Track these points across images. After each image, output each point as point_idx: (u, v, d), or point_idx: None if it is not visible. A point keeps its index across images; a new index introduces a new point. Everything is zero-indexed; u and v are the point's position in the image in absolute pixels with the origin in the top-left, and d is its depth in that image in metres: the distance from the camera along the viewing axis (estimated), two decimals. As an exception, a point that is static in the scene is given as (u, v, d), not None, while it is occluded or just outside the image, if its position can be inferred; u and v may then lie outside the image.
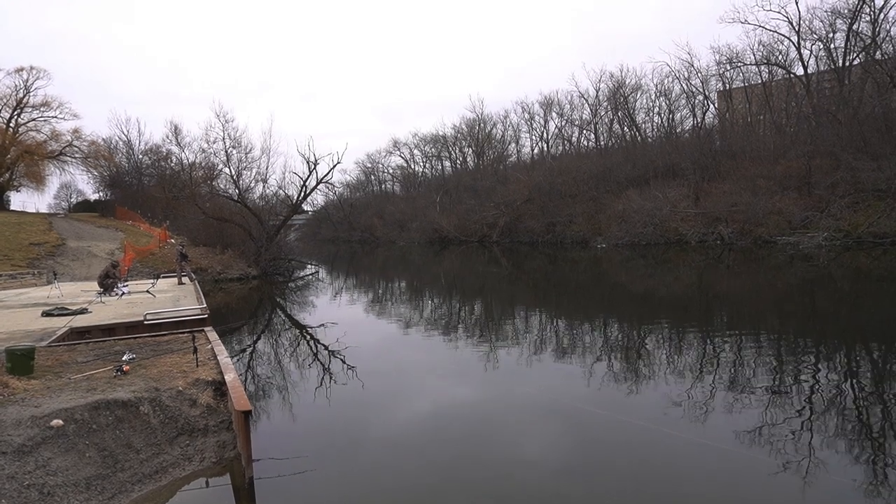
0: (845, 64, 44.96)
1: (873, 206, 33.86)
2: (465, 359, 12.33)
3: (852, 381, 9.65)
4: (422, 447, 7.44)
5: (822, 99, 47.58)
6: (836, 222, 34.43)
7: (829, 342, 13.00)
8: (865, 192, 34.71)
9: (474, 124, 77.23)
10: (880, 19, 41.98)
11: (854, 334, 13.74)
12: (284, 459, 6.76)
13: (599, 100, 63.30)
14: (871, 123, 39.34)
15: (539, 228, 52.48)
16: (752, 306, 18.82)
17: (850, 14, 42.85)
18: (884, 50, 42.30)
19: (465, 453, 7.16)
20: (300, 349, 14.19)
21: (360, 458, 7.12)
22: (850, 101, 42.92)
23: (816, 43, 46.72)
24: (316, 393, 9.94)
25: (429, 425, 8.34)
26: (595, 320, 17.19)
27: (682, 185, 45.00)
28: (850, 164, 35.60)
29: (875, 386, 9.32)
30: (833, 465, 6.26)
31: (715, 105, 57.17)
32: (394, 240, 70.70)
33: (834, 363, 11.00)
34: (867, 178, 34.33)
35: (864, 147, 36.70)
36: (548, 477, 6.45)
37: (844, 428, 7.47)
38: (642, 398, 9.10)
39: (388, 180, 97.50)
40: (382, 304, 23.31)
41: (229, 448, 6.96)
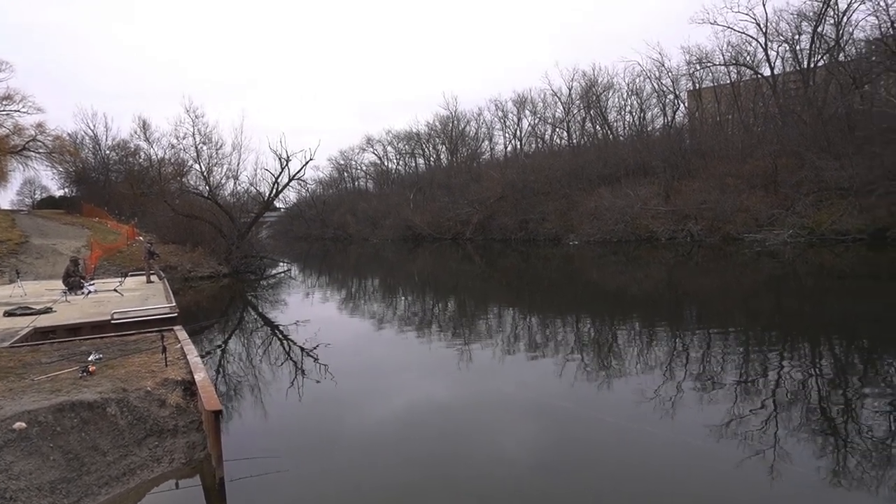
0: (810, 65, 46.03)
1: (836, 205, 34.76)
2: (440, 356, 12.34)
3: (815, 374, 9.92)
4: (396, 445, 7.42)
5: (788, 99, 48.65)
6: (800, 220, 35.27)
7: (793, 337, 13.32)
8: (829, 191, 35.60)
9: (448, 121, 77.22)
10: (843, 22, 43.07)
11: (817, 329, 14.11)
12: (256, 459, 6.69)
13: (572, 98, 63.83)
14: (834, 124, 40.34)
15: (512, 226, 52.70)
16: (721, 302, 19.20)
17: (815, 17, 43.87)
18: (847, 52, 43.42)
19: (440, 451, 7.17)
20: (272, 348, 14.04)
21: (333, 456, 7.08)
22: (814, 102, 43.97)
23: (783, 45, 47.75)
24: (288, 392, 9.85)
25: (403, 423, 8.33)
26: (568, 317, 17.35)
27: (652, 183, 45.59)
28: (814, 164, 36.48)
29: (837, 379, 9.59)
30: (797, 457, 6.43)
31: (685, 104, 58.05)
32: (367, 237, 70.36)
33: (798, 357, 11.28)
34: (830, 177, 35.22)
35: (828, 147, 37.62)
36: (523, 473, 6.49)
37: (808, 420, 7.66)
38: (615, 394, 9.22)
39: (362, 177, 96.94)
40: (355, 302, 23.20)
41: (199, 449, 6.85)
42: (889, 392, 8.79)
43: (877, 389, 8.93)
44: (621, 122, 61.87)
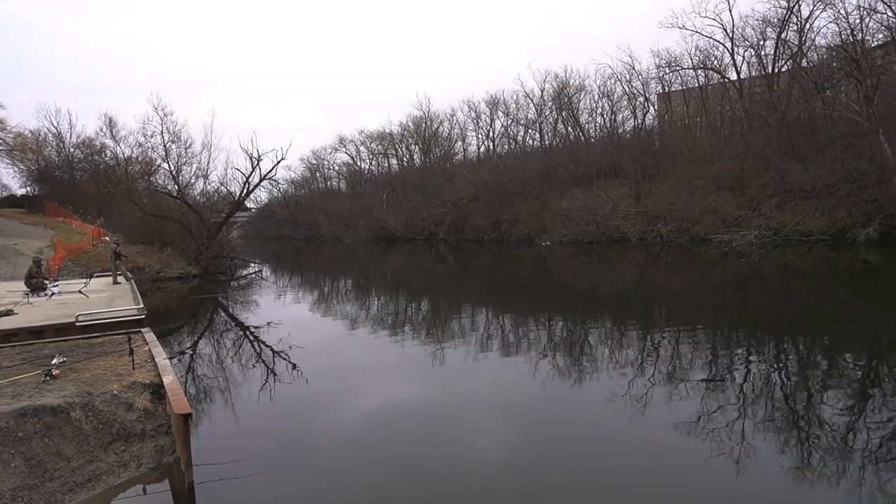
0: (774, 70, 47.20)
1: (799, 206, 35.70)
2: (413, 357, 12.33)
3: (780, 371, 10.17)
4: (369, 446, 7.39)
5: (754, 103, 49.80)
6: (766, 221, 36.12)
7: (759, 335, 13.63)
8: (793, 193, 36.53)
9: (421, 122, 77.12)
10: (806, 29, 44.28)
11: (782, 327, 14.46)
12: (226, 463, 6.59)
13: (544, 100, 64.33)
14: (797, 127, 41.44)
15: (485, 226, 52.89)
16: (689, 302, 19.56)
17: (779, 23, 45.02)
18: (809, 58, 44.65)
19: (413, 452, 7.17)
20: (243, 349, 13.86)
21: (305, 459, 7.02)
22: (778, 106, 45.09)
23: (748, 49, 48.89)
24: (259, 394, 9.74)
25: (376, 424, 8.30)
26: (540, 317, 17.48)
27: (623, 185, 46.21)
28: (778, 166, 37.41)
29: (800, 376, 9.85)
30: (762, 452, 6.58)
31: (655, 107, 58.96)
32: (340, 237, 69.91)
33: (763, 355, 11.55)
34: (794, 180, 36.15)
35: (792, 150, 38.61)
36: (496, 473, 6.53)
37: (773, 416, 7.86)
38: (587, 392, 9.33)
39: (334, 177, 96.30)
40: (328, 303, 23.03)
41: (168, 453, 6.74)
42: (849, 388, 9.06)
43: (838, 386, 9.20)
44: (593, 123, 62.62)
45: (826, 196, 33.71)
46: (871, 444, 6.73)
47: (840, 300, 18.36)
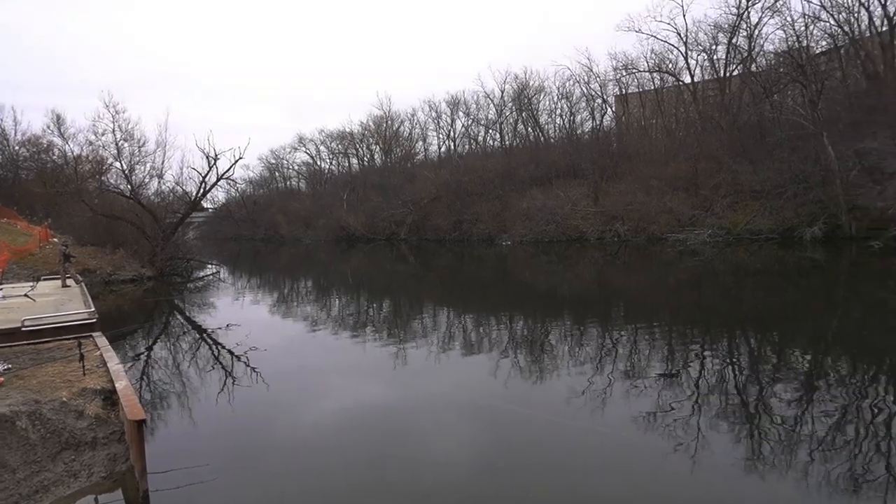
0: (726, 74, 48.68)
1: (750, 206, 36.93)
2: (375, 358, 12.27)
3: (732, 366, 10.50)
4: (329, 449, 7.33)
5: (707, 106, 51.23)
6: (718, 220, 37.24)
7: (712, 331, 14.05)
8: (743, 193, 37.78)
9: (382, 121, 76.71)
10: (755, 35, 45.83)
11: (734, 323, 14.94)
12: (183, 469, 6.43)
13: (504, 100, 64.82)
14: (748, 130, 42.85)
15: (446, 226, 52.99)
16: (646, 300, 20.01)
17: (730, 29, 46.46)
18: (758, 63, 46.24)
19: (375, 454, 7.13)
20: (200, 353, 13.55)
21: (265, 463, 6.91)
22: (730, 109, 46.53)
23: (701, 54, 50.32)
24: (218, 398, 9.54)
25: (338, 427, 8.23)
26: (501, 316, 17.61)
27: (582, 185, 46.94)
28: (730, 167, 38.62)
29: (751, 370, 10.19)
30: (716, 445, 6.78)
31: (612, 108, 60.09)
32: (299, 238, 69.03)
33: (717, 350, 11.90)
34: (745, 181, 37.40)
35: (743, 152, 39.90)
36: (458, 472, 6.55)
37: (726, 410, 8.10)
38: (547, 391, 9.45)
39: (294, 177, 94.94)
40: (288, 304, 22.71)
41: (121, 461, 6.53)
42: (796, 381, 9.42)
43: (786, 379, 9.55)
44: (552, 124, 63.41)
45: (775, 196, 34.95)
46: (818, 435, 7.00)
47: (788, 297, 19.06)
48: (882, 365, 10.46)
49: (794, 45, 41.95)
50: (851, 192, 30.68)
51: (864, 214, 30.60)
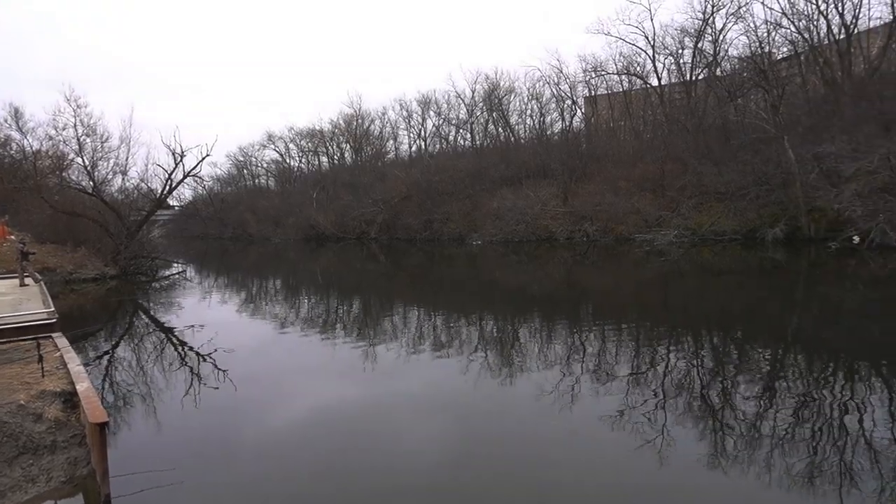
0: (692, 78, 49.68)
1: (714, 207, 37.76)
2: (344, 358, 12.20)
3: (697, 364, 10.73)
4: (298, 450, 7.27)
5: (673, 109, 52.21)
6: (684, 221, 37.99)
7: (678, 330, 14.34)
8: (708, 195, 38.60)
9: (352, 120, 76.15)
10: (720, 40, 46.90)
11: (699, 322, 15.28)
12: (147, 473, 6.31)
13: (475, 100, 65.01)
14: (713, 133, 43.81)
15: (417, 225, 52.92)
16: (614, 299, 20.31)
17: (696, 33, 47.43)
18: (723, 67, 47.30)
19: (344, 455, 7.10)
20: (165, 354, 13.28)
21: (233, 465, 6.82)
22: (696, 112, 47.51)
23: (668, 57, 51.26)
24: (184, 400, 9.37)
25: (307, 427, 8.17)
26: (471, 316, 17.67)
27: (551, 185, 47.34)
28: (696, 169, 39.43)
29: (715, 368, 10.43)
30: (681, 442, 6.93)
31: (582, 110, 60.77)
32: (268, 236, 68.18)
33: (682, 349, 12.15)
34: (710, 182, 38.22)
35: (708, 154, 40.76)
36: (430, 472, 6.57)
37: (691, 407, 8.28)
38: (517, 390, 9.52)
39: (262, 175, 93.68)
40: (256, 304, 22.42)
41: (82, 465, 6.38)
42: (758, 378, 9.68)
43: (748, 376, 9.81)
44: (522, 125, 63.79)
45: (738, 198, 35.79)
46: (777, 429, 7.21)
47: (751, 296, 19.55)
48: (838, 362, 10.82)
49: (756, 51, 43.05)
50: (810, 194, 31.60)
51: (822, 216, 31.54)
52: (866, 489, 5.58)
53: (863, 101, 34.40)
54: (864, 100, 34.70)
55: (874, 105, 33.42)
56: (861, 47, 41.70)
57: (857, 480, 5.78)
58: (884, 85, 36.04)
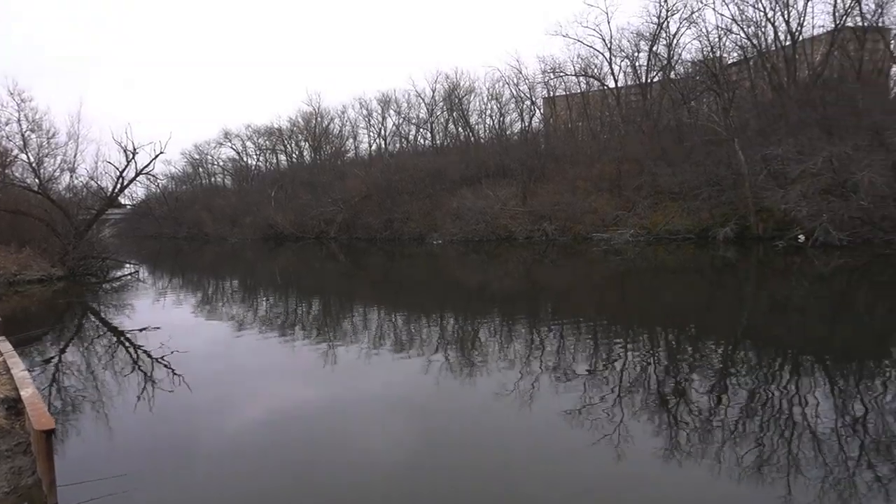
0: (647, 80, 50.91)
1: (669, 207, 38.78)
2: (304, 358, 12.07)
3: (653, 360, 11.00)
4: (257, 454, 7.14)
5: (630, 110, 53.42)
6: (640, 220, 38.90)
7: (634, 327, 14.66)
8: (663, 195, 39.63)
9: (311, 118, 75.32)
10: (674, 44, 48.26)
11: (654, 319, 15.65)
12: (97, 481, 6.11)
13: (435, 100, 65.11)
14: (667, 134, 45.03)
15: (377, 225, 52.70)
16: (573, 297, 20.64)
17: (651, 37, 48.67)
18: (677, 71, 48.65)
19: (305, 457, 7.02)
20: (117, 357, 12.88)
21: (189, 471, 6.67)
22: (651, 114, 48.74)
23: (625, 60, 52.43)
24: (137, 405, 9.10)
25: (266, 430, 8.04)
26: (432, 315, 17.70)
27: (511, 185, 47.77)
28: (651, 170, 40.42)
29: (670, 364, 10.72)
30: (638, 437, 7.08)
31: (541, 110, 61.53)
32: (225, 236, 66.81)
33: (639, 346, 12.44)
34: (664, 183, 39.25)
35: (662, 155, 41.85)
36: (392, 472, 6.55)
37: (647, 403, 8.48)
38: (478, 388, 9.57)
39: (219, 173, 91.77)
40: (213, 305, 21.95)
41: (27, 474, 6.13)
42: (711, 373, 9.99)
43: (701, 372, 10.11)
44: (482, 125, 64.21)
45: (691, 198, 36.85)
46: (728, 422, 7.46)
47: (703, 293, 20.17)
48: (785, 357, 11.26)
49: (708, 56, 44.44)
50: (759, 195, 32.77)
51: (769, 216, 32.75)
52: (811, 476, 5.82)
53: (807, 106, 35.91)
54: (808, 105, 36.22)
55: (817, 110, 34.93)
56: (806, 54, 43.45)
57: (802, 469, 6.02)
58: (826, 91, 37.69)
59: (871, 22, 38.75)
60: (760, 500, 5.58)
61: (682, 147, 41.49)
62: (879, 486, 5.59)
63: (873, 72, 40.49)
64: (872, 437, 6.85)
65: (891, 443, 6.66)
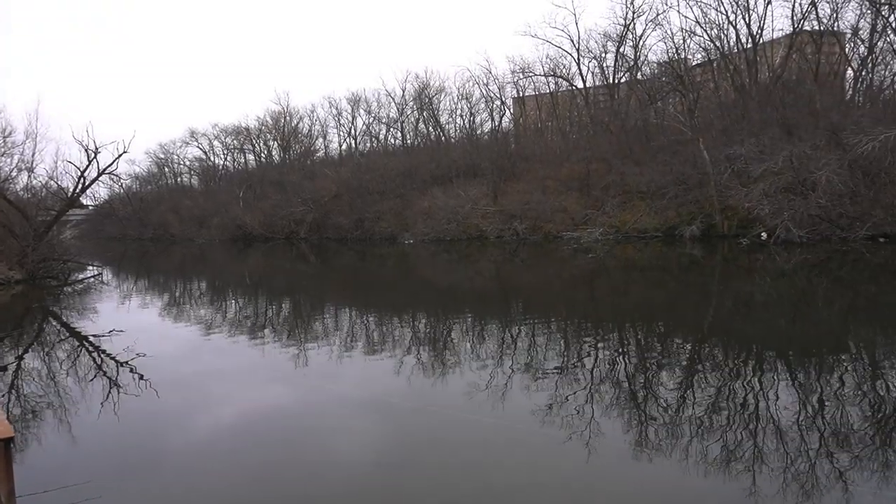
0: (615, 81, 51.59)
1: (637, 206, 39.36)
2: (274, 360, 11.93)
3: (623, 357, 11.18)
4: (226, 457, 7.04)
5: (598, 111, 54.07)
6: (609, 219, 39.40)
7: (604, 324, 14.87)
8: (631, 194, 40.20)
9: (280, 117, 74.32)
10: (640, 46, 49.01)
11: (623, 316, 15.89)
12: (61, 489, 5.94)
13: (406, 99, 64.93)
14: (635, 134, 45.68)
15: (348, 225, 52.30)
16: (543, 296, 20.80)
17: (618, 38, 49.34)
18: (643, 72, 49.46)
19: (275, 460, 6.93)
20: (80, 362, 12.55)
21: (156, 476, 6.53)
22: (619, 114, 49.41)
23: (592, 60, 53.03)
24: (101, 410, 8.87)
25: (236, 433, 7.92)
26: (404, 315, 17.66)
27: (482, 184, 47.90)
28: (619, 169, 40.99)
29: (640, 360, 10.91)
30: (609, 432, 7.19)
31: (510, 110, 61.89)
32: (192, 237, 65.53)
33: (609, 342, 12.61)
34: (632, 182, 39.83)
35: (630, 154, 42.48)
36: (364, 472, 6.52)
37: (617, 399, 8.61)
38: (450, 387, 9.58)
39: (185, 173, 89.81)
40: (180, 307, 21.53)
41: (-14, 484, 5.93)
42: (678, 369, 10.18)
43: (669, 367, 10.31)
44: (452, 124, 64.23)
45: (658, 197, 37.46)
46: (696, 417, 7.61)
47: (671, 290, 20.55)
48: (750, 351, 11.55)
49: (674, 57, 45.28)
50: (724, 193, 33.49)
51: (734, 214, 33.51)
52: (774, 468, 5.97)
53: (768, 107, 36.86)
54: (768, 105, 37.20)
55: (778, 110, 35.88)
56: (766, 56, 44.58)
57: (766, 461, 6.18)
58: (786, 92, 38.75)
59: (827, 26, 39.99)
60: (727, 492, 5.70)
61: (649, 147, 42.15)
62: (838, 476, 5.78)
63: (829, 74, 41.71)
64: (831, 429, 7.07)
65: (849, 434, 6.88)
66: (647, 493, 5.93)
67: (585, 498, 5.90)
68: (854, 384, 8.85)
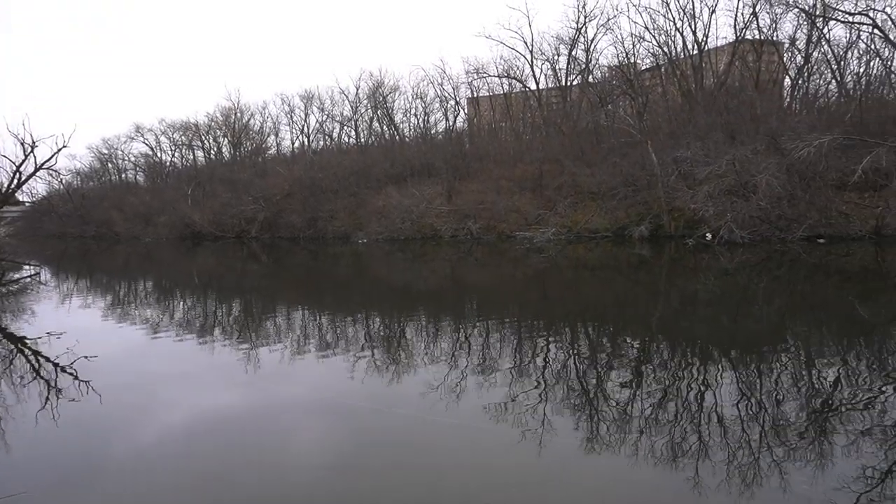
0: (567, 83, 52.52)
1: (588, 206, 40.17)
2: (224, 362, 11.66)
3: (574, 355, 11.39)
4: (177, 463, 6.85)
5: (551, 112, 54.96)
6: (561, 219, 40.07)
7: (556, 323, 15.11)
8: (583, 194, 41.00)
9: (230, 113, 72.78)
10: (591, 49, 50.08)
11: (575, 315, 16.20)
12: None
13: (360, 98, 64.50)
14: (586, 136, 46.62)
15: (300, 223, 51.58)
16: (497, 295, 21.00)
17: (570, 42, 50.32)
18: (594, 75, 50.56)
19: (228, 463, 6.79)
20: (15, 366, 11.96)
21: (98, 484, 6.30)
22: (571, 116, 50.33)
23: (545, 63, 53.90)
24: (38, 416, 8.48)
25: (185, 438, 7.71)
26: (357, 314, 17.52)
27: (436, 184, 47.99)
28: (571, 170, 41.74)
29: (591, 358, 11.12)
30: (561, 430, 7.32)
31: (465, 110, 62.27)
32: (138, 235, 63.42)
33: (560, 341, 12.83)
34: (584, 182, 40.64)
35: (582, 156, 43.33)
36: (318, 475, 6.45)
37: (569, 396, 8.78)
38: (404, 387, 9.57)
39: (130, 169, 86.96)
40: (124, 308, 20.77)
41: (-87, 496, 5.61)
42: (627, 366, 10.44)
43: (619, 365, 10.55)
44: (407, 123, 64.22)
45: (609, 198, 38.32)
46: (644, 413, 7.83)
47: (620, 289, 21.03)
48: (695, 348, 11.94)
49: (624, 61, 46.41)
50: (671, 195, 34.50)
51: (680, 215, 34.56)
52: (717, 460, 6.21)
53: (712, 112, 38.18)
54: (713, 110, 38.53)
55: (721, 115, 37.22)
56: (711, 63, 46.20)
57: (710, 453, 6.43)
58: (729, 98, 40.25)
59: (767, 36, 41.81)
60: (673, 483, 5.90)
61: (599, 148, 43.07)
62: (776, 467, 6.04)
63: (769, 81, 43.56)
64: (770, 422, 7.39)
65: (787, 426, 7.21)
66: (600, 487, 6.08)
67: (541, 494, 5.99)
68: (791, 379, 9.26)
